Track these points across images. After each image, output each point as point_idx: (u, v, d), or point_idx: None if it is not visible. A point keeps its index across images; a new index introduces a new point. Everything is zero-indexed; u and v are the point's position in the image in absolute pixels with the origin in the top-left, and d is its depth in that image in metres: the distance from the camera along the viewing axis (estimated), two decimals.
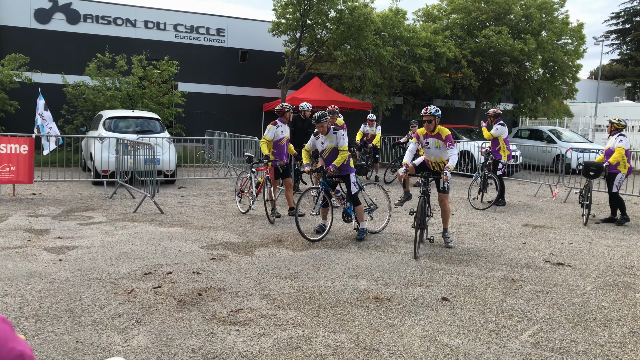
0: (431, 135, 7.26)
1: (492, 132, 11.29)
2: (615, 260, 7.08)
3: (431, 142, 7.29)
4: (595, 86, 33.87)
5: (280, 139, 9.11)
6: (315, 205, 7.80)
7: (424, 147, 7.39)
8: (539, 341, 4.33)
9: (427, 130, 7.26)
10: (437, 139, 7.20)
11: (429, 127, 7.19)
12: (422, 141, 7.39)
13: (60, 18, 19.84)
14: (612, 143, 9.68)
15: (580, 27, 23.28)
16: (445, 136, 7.14)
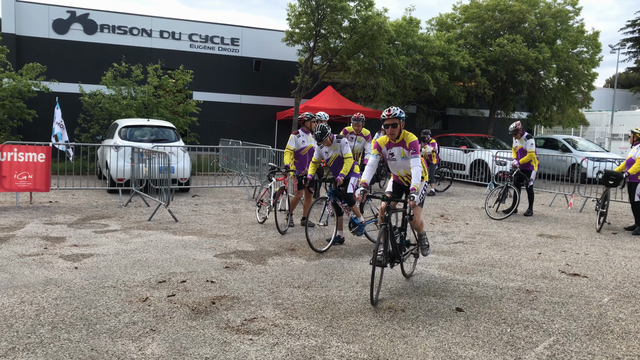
0: (395, 143, 5.95)
1: (529, 149, 11.19)
2: (633, 271, 6.98)
3: (396, 153, 5.98)
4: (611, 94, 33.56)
5: (301, 149, 9.09)
6: (322, 215, 7.70)
7: (388, 160, 6.06)
8: (555, 353, 4.28)
9: (390, 138, 5.91)
10: (402, 148, 5.91)
11: (393, 133, 5.83)
12: (385, 153, 6.05)
13: (77, 28, 20.16)
14: (634, 153, 9.63)
15: (596, 35, 23.12)
16: (410, 143, 5.83)
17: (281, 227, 8.70)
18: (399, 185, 6.21)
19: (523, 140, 11.24)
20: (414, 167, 5.64)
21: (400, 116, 5.75)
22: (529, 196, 11.55)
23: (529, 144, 11.19)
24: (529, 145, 11.19)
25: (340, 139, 7.87)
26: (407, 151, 5.82)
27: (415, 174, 5.60)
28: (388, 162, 6.06)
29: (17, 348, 4.03)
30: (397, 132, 5.83)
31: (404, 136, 5.88)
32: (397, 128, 5.80)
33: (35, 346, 4.07)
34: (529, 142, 11.21)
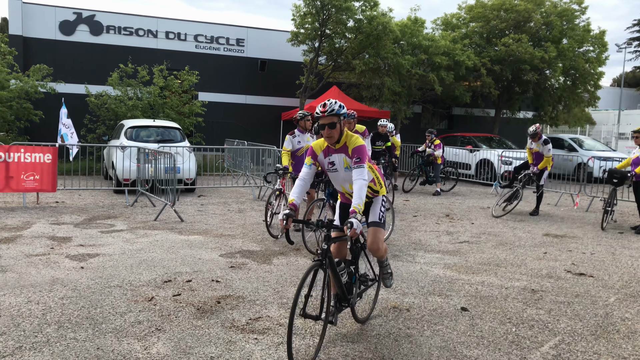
0: (335, 149, 4.44)
1: (547, 155, 11.13)
2: (639, 271, 6.95)
3: (337, 161, 4.47)
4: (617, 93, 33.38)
5: (298, 149, 8.74)
6: (320, 217, 7.47)
7: (328, 172, 4.60)
8: (561, 353, 4.27)
9: (328, 142, 4.43)
10: (345, 155, 4.41)
11: (331, 135, 4.33)
12: (322, 161, 4.54)
13: (84, 30, 20.25)
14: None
15: (602, 34, 23.00)
16: (354, 149, 4.32)
17: (273, 231, 8.28)
18: (347, 206, 4.64)
19: (540, 144, 11.13)
20: (357, 180, 4.17)
21: (340, 112, 4.28)
22: (538, 197, 11.50)
23: (547, 149, 11.09)
24: (546, 150, 11.10)
25: None
26: (350, 159, 4.35)
27: (358, 190, 4.12)
28: (328, 174, 4.62)
29: (24, 347, 4.05)
30: (337, 134, 4.32)
31: (347, 139, 4.39)
32: (336, 129, 4.29)
33: (41, 345, 4.10)
34: (547, 148, 11.10)
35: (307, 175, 4.44)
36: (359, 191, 4.15)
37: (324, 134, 4.36)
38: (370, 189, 4.58)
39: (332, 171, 4.57)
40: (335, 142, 4.40)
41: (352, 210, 4.04)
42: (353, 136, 4.42)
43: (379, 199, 4.66)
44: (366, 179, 4.21)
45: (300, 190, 4.39)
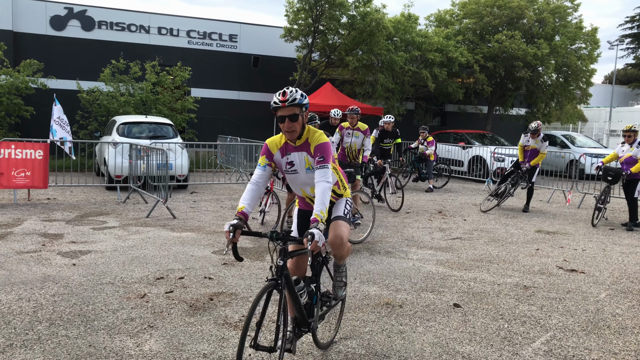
0: (295, 147, 3.83)
1: (544, 151, 11.25)
2: (630, 267, 7.00)
3: (298, 161, 3.86)
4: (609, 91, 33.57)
5: None
6: None
7: (286, 173, 3.96)
8: (552, 349, 4.29)
9: (287, 138, 3.79)
10: (306, 154, 3.81)
11: (292, 129, 3.69)
12: (279, 162, 3.91)
13: (75, 25, 20.10)
14: (634, 151, 9.63)
15: (595, 31, 23.12)
16: (317, 147, 3.73)
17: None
18: (308, 213, 3.97)
19: (539, 141, 11.20)
20: (320, 182, 3.57)
21: (302, 102, 3.63)
22: (529, 193, 11.59)
23: (545, 146, 11.22)
24: (544, 147, 11.21)
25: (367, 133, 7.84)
26: (312, 159, 3.75)
27: (321, 194, 3.51)
28: (286, 176, 3.96)
29: (15, 345, 4.03)
30: (298, 128, 3.69)
31: (309, 135, 3.78)
32: (298, 122, 3.66)
33: (32, 343, 4.07)
34: (545, 144, 11.22)
35: (261, 178, 3.81)
36: (322, 196, 3.50)
37: (283, 128, 3.69)
38: (334, 192, 4.03)
39: (290, 173, 3.90)
40: (296, 138, 3.77)
41: (313, 219, 3.38)
42: (316, 132, 3.82)
43: (342, 200, 4.12)
44: (330, 181, 3.60)
45: (252, 195, 3.73)
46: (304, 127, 3.77)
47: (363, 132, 9.38)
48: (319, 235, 3.27)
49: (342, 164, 9.27)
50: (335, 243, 3.94)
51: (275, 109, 3.67)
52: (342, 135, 9.43)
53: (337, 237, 3.93)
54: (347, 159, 9.41)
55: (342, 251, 3.99)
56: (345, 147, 9.44)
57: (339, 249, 3.96)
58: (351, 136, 9.41)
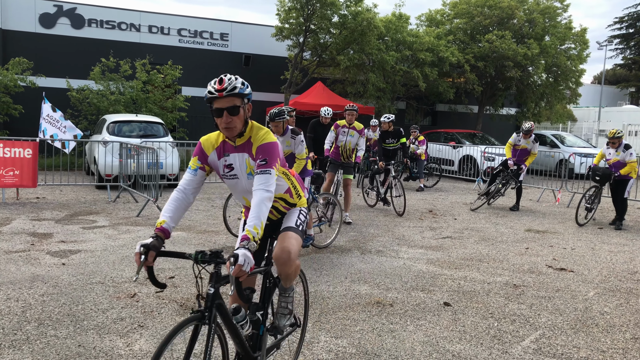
0: (235, 147, 3.17)
1: (535, 152, 11.40)
2: (618, 265, 7.06)
3: (238, 164, 3.20)
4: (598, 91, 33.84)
5: None
6: None
7: (224, 178, 3.29)
8: (541, 347, 4.33)
9: (226, 135, 3.14)
10: (248, 156, 3.15)
11: (231, 125, 3.03)
12: (214, 163, 3.24)
13: (64, 23, 19.97)
14: (621, 156, 9.70)
15: (584, 31, 23.31)
16: (260, 147, 3.08)
17: (233, 230, 7.86)
18: None
19: (530, 141, 11.30)
20: (257, 190, 2.93)
21: (243, 92, 2.99)
22: (518, 192, 11.67)
23: (536, 147, 11.36)
24: (535, 147, 11.34)
25: (297, 135, 6.82)
26: (254, 162, 3.10)
27: (257, 205, 2.86)
28: (225, 182, 3.31)
29: (3, 345, 4.00)
30: (239, 123, 3.03)
31: (252, 133, 3.14)
32: (239, 116, 3.01)
33: (21, 343, 4.04)
34: (536, 145, 11.37)
35: (190, 184, 3.12)
36: (258, 208, 2.86)
37: (220, 124, 3.03)
38: (285, 201, 3.46)
39: (229, 178, 3.23)
40: (237, 136, 3.11)
41: (242, 236, 2.74)
42: (261, 129, 3.15)
43: (295, 210, 3.52)
44: (271, 190, 2.94)
45: (177, 206, 3.05)
46: (246, 123, 3.11)
47: (359, 131, 9.22)
48: (244, 258, 2.59)
49: (335, 162, 9.21)
50: (280, 258, 3.23)
51: (210, 100, 2.99)
52: (337, 134, 9.21)
53: (283, 252, 3.24)
54: (341, 157, 9.27)
55: (289, 269, 3.27)
56: (340, 146, 9.23)
57: (284, 265, 3.24)
58: (346, 135, 9.21)
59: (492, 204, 12.09)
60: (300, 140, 6.85)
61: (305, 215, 3.55)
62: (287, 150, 6.98)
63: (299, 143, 6.84)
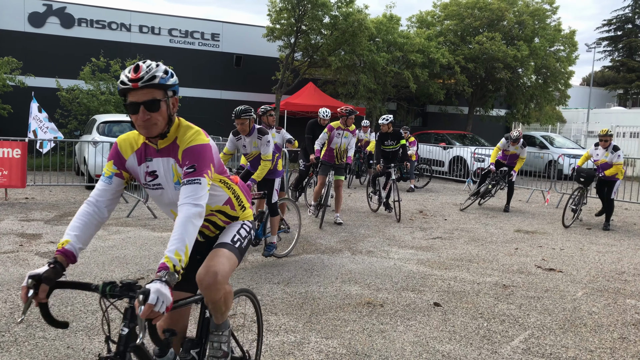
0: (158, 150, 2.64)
1: (523, 156, 11.53)
2: (606, 266, 7.13)
3: (163, 171, 2.66)
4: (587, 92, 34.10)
5: None
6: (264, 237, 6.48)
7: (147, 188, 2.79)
8: (530, 347, 4.36)
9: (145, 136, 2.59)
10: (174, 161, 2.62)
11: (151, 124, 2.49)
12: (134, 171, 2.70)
13: (54, 22, 19.82)
14: (609, 157, 9.76)
15: (573, 34, 23.50)
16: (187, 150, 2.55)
17: None
18: None
19: (519, 147, 11.42)
20: (182, 206, 2.39)
21: (165, 83, 2.48)
22: (509, 193, 11.74)
23: (524, 151, 11.50)
24: (524, 152, 11.49)
25: (263, 135, 6.38)
26: (180, 168, 2.55)
27: (182, 225, 2.32)
28: (148, 192, 2.75)
29: None
30: (161, 121, 2.49)
31: (179, 133, 2.60)
32: (161, 112, 2.47)
33: (9, 345, 4.01)
34: (525, 149, 11.53)
35: (103, 195, 2.57)
36: (182, 228, 2.28)
37: (135, 121, 2.47)
38: (224, 214, 2.92)
39: (153, 188, 2.67)
40: (159, 137, 2.54)
41: (160, 265, 2.20)
42: (190, 129, 2.59)
43: (235, 224, 2.97)
44: (200, 203, 2.37)
45: (85, 223, 2.44)
46: (171, 120, 2.53)
47: (352, 132, 9.19)
48: (157, 295, 2.02)
49: (328, 164, 9.16)
50: (203, 281, 2.64)
51: (123, 92, 2.44)
52: (332, 136, 9.09)
53: (208, 273, 2.64)
54: (335, 159, 9.17)
55: (215, 294, 2.67)
56: (334, 148, 9.14)
57: (209, 290, 2.64)
58: (341, 137, 9.12)
59: (482, 205, 12.16)
60: (267, 140, 6.38)
61: (248, 229, 2.99)
62: (255, 152, 6.52)
63: (265, 143, 6.35)
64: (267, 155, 6.33)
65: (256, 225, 6.59)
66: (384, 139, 10.63)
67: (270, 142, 6.39)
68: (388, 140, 10.65)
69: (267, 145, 6.35)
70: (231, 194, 2.94)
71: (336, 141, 9.12)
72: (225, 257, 2.74)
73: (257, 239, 6.68)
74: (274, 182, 6.70)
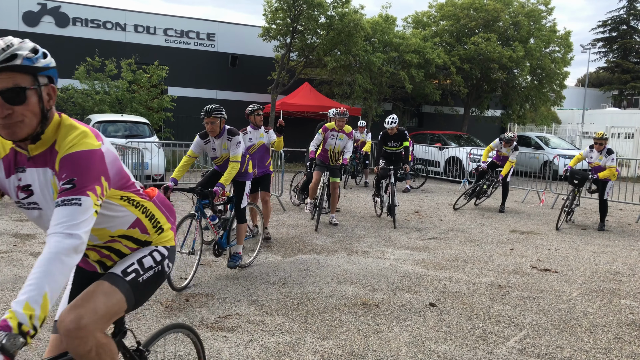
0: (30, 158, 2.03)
1: (513, 160, 11.43)
2: (601, 266, 7.15)
3: (39, 184, 2.04)
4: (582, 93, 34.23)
5: (248, 147, 7.37)
6: (184, 240, 5.83)
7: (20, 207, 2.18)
8: (525, 347, 4.36)
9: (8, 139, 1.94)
10: (52, 172, 2.00)
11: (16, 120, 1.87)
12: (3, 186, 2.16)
13: (49, 21, 19.73)
14: (603, 160, 9.76)
15: (568, 35, 23.58)
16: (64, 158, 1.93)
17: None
18: (86, 274, 2.36)
19: (511, 150, 11.40)
20: (51, 236, 1.77)
21: (33, 65, 1.89)
22: (503, 194, 11.75)
23: (514, 155, 11.44)
24: (514, 155, 11.43)
25: (233, 136, 5.90)
26: (58, 181, 1.89)
27: (44, 263, 1.71)
28: (23, 212, 2.18)
29: None
30: (30, 119, 1.89)
31: (58, 135, 1.98)
32: (29, 104, 1.87)
33: None
34: (516, 153, 11.46)
35: None
36: (44, 268, 1.71)
37: None
38: (132, 240, 2.32)
39: (28, 207, 2.08)
40: (29, 140, 1.95)
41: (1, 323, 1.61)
42: (73, 130, 1.96)
43: (141, 251, 2.36)
44: (78, 233, 1.78)
45: None
46: (46, 118, 1.93)
47: (347, 134, 9.03)
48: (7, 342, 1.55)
49: (322, 164, 9.13)
50: (62, 326, 2.01)
51: None
52: (326, 137, 9.05)
53: (69, 314, 2.03)
54: (329, 160, 9.14)
55: (79, 347, 2.00)
56: (328, 149, 9.09)
57: (69, 338, 2.01)
58: (335, 138, 9.04)
59: (478, 205, 12.18)
60: (237, 141, 5.88)
61: (160, 258, 2.37)
62: (225, 155, 6.02)
63: (235, 144, 5.86)
64: (236, 156, 5.81)
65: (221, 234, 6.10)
66: (387, 140, 10.02)
67: (240, 143, 5.90)
68: (391, 142, 10.01)
69: (237, 146, 5.86)
70: (140, 213, 2.30)
71: (330, 142, 9.08)
72: (103, 295, 2.08)
73: (221, 249, 6.12)
74: (245, 185, 6.27)
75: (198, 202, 5.71)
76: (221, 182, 5.64)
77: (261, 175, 7.60)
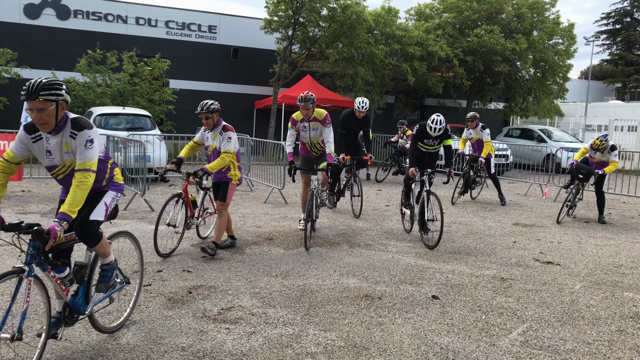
0: None
1: (486, 139, 11.18)
2: (604, 259, 7.14)
3: None
4: (585, 86, 34.08)
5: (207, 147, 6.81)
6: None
7: None
8: (528, 339, 4.36)
9: None
10: None
11: None
12: None
13: (50, 13, 19.68)
14: (606, 157, 9.71)
15: (571, 27, 23.43)
16: None
17: (161, 249, 6.31)
18: None
19: (479, 131, 11.22)
20: None
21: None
22: (495, 184, 11.60)
23: (486, 134, 11.18)
24: (485, 135, 11.17)
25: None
26: None
27: None
28: None
29: None
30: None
31: None
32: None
33: None
34: (486, 132, 11.19)
35: None
36: None
37: None
38: None
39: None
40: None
41: None
42: None
43: None
44: None
45: None
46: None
47: (321, 121, 7.67)
48: None
49: (308, 159, 8.05)
50: None
51: None
52: (298, 130, 7.80)
53: None
54: (312, 152, 8.05)
55: None
56: (306, 143, 7.93)
57: None
58: (308, 129, 7.76)
59: (475, 199, 12.14)
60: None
61: None
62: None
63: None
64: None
65: None
66: (423, 137, 8.15)
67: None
68: (430, 139, 8.19)
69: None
70: None
71: (304, 135, 7.84)
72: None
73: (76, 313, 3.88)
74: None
75: (30, 247, 3.54)
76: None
77: (217, 182, 6.72)
